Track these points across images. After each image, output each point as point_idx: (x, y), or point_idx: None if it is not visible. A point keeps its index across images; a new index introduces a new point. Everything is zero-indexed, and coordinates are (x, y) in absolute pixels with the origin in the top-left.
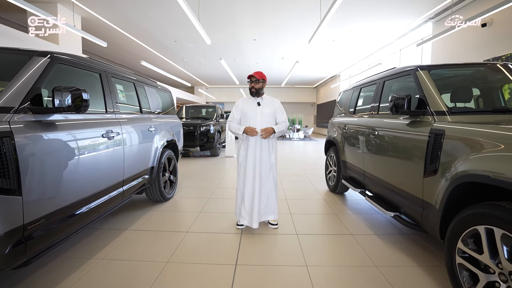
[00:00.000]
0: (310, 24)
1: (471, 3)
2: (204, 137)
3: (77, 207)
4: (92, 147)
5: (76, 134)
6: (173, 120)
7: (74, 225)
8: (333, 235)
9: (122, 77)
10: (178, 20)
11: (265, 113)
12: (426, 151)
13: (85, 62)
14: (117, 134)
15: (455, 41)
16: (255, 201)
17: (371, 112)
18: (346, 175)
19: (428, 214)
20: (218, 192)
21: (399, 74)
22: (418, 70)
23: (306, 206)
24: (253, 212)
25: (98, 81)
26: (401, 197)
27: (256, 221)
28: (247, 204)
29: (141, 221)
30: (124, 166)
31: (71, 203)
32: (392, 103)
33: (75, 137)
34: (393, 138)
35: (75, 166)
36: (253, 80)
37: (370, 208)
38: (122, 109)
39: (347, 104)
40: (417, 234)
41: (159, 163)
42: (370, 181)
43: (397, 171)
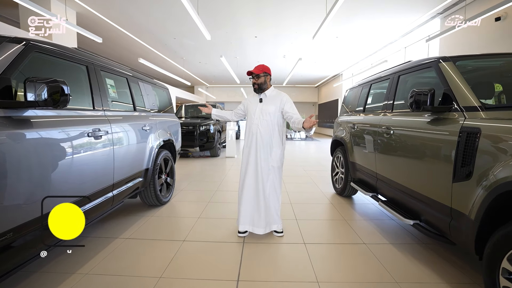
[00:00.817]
0: (313, 20)
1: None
2: (204, 137)
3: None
4: (75, 147)
5: (56, 133)
6: (171, 119)
7: (51, 237)
8: (344, 244)
9: (113, 71)
10: (177, 16)
11: (266, 111)
12: (456, 152)
13: (69, 53)
14: (105, 133)
15: (466, 37)
16: (255, 204)
17: (384, 110)
18: (355, 178)
19: (458, 225)
20: (218, 195)
21: (417, 67)
22: (441, 61)
23: (313, 210)
24: (254, 216)
25: (84, 75)
26: (422, 203)
27: (262, 226)
28: (247, 206)
29: (134, 228)
30: (114, 168)
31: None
32: (412, 99)
33: (54, 136)
34: (412, 138)
35: (53, 170)
36: (253, 76)
37: (381, 213)
38: (113, 106)
39: (355, 102)
40: (436, 244)
41: (155, 164)
42: (383, 184)
43: (417, 175)
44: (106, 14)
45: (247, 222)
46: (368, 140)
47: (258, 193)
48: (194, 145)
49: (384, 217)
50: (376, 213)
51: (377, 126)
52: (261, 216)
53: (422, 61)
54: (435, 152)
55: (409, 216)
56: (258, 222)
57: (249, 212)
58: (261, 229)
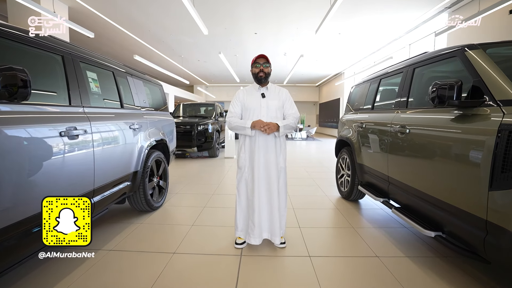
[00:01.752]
0: (316, 15)
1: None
2: (202, 137)
3: (17, 230)
4: (42, 149)
5: (16, 131)
6: (164, 118)
7: (13, 254)
8: (355, 257)
9: (96, 63)
10: (174, 10)
11: (272, 107)
12: (494, 154)
13: (38, 40)
14: (83, 132)
15: (477, 31)
16: (270, 211)
17: (397, 107)
18: (363, 181)
19: (496, 241)
20: (215, 199)
21: (436, 58)
22: (467, 50)
23: (317, 217)
24: (271, 224)
25: (59, 66)
26: (445, 213)
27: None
28: (263, 214)
29: (120, 237)
30: (94, 172)
31: (8, 225)
32: (435, 93)
33: (13, 135)
34: (433, 138)
35: (13, 175)
36: (262, 63)
37: (391, 220)
38: (95, 102)
39: (362, 100)
40: (459, 258)
41: (145, 166)
42: (397, 189)
43: (440, 180)
44: (99, 9)
45: (266, 229)
46: (378, 140)
47: (271, 198)
48: (191, 145)
49: (395, 225)
50: (386, 219)
51: (390, 124)
52: (275, 224)
53: (443, 51)
54: (464, 154)
55: (430, 227)
56: (274, 230)
57: (266, 219)
58: (277, 238)
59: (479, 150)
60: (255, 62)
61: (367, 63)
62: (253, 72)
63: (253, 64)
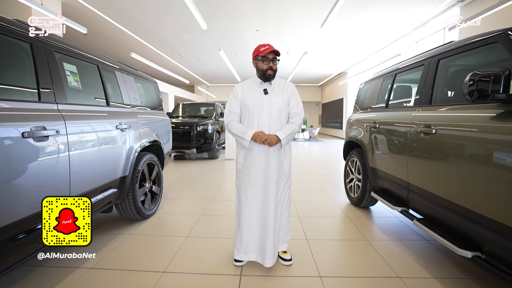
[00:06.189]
0: (320, 10)
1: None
2: (201, 138)
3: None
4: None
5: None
6: (158, 117)
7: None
8: (374, 278)
9: (76, 54)
10: (173, 7)
11: (275, 105)
12: None
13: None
14: (55, 132)
15: (490, 26)
16: (264, 228)
17: (418, 104)
18: (376, 187)
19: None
20: (213, 206)
21: (468, 46)
22: (511, 33)
23: (326, 227)
24: (266, 244)
25: (27, 55)
26: (485, 229)
27: (271, 257)
28: (254, 231)
29: (104, 252)
30: (70, 179)
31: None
32: (474, 86)
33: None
34: (469, 139)
35: None
36: (271, 58)
37: (408, 230)
38: (73, 99)
39: (375, 97)
40: (499, 280)
41: (134, 171)
42: (419, 198)
43: (479, 190)
44: (95, 4)
45: (254, 250)
46: (395, 142)
47: (267, 211)
48: (190, 147)
49: (415, 237)
50: (403, 230)
51: (410, 124)
52: (269, 243)
53: (477, 37)
54: (509, 160)
55: (466, 246)
56: (267, 251)
57: (256, 237)
58: (271, 260)
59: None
60: (263, 56)
61: (372, 62)
62: (260, 67)
63: (260, 57)
